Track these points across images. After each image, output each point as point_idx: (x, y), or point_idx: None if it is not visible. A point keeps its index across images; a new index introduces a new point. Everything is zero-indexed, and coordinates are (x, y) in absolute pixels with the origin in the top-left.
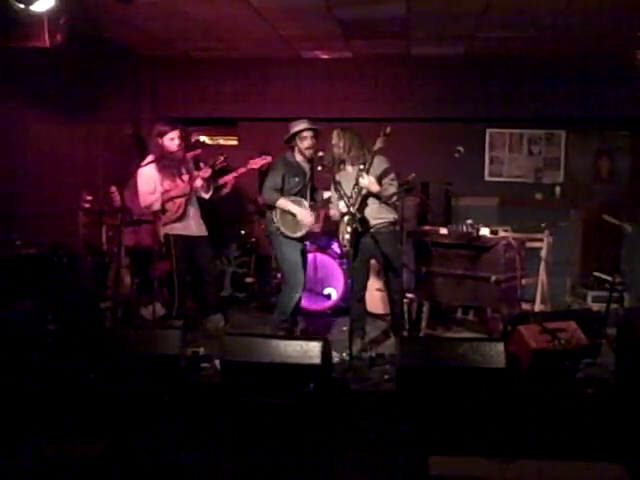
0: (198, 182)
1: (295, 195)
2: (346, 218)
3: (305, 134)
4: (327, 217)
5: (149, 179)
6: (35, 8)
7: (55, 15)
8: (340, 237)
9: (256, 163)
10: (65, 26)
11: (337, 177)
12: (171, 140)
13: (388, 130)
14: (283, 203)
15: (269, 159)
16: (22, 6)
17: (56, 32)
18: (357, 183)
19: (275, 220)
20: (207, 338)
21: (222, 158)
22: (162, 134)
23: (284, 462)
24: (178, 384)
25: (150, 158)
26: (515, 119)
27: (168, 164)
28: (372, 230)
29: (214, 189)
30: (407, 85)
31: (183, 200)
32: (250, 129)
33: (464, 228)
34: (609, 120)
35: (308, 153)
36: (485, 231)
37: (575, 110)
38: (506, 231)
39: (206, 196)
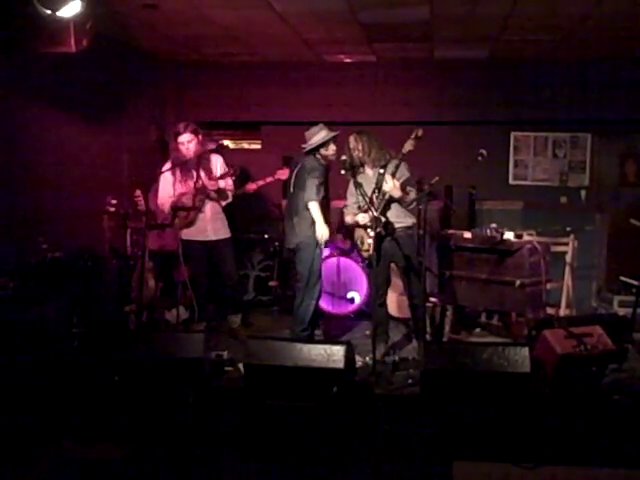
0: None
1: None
2: (362, 221)
3: (329, 141)
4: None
5: (166, 183)
6: (62, 14)
7: (81, 20)
8: (358, 242)
9: (284, 174)
10: (91, 31)
11: (359, 179)
12: (181, 144)
13: (420, 133)
14: (316, 210)
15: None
16: (49, 12)
17: (82, 37)
18: (379, 187)
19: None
20: (230, 341)
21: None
22: (175, 136)
23: (307, 466)
24: (202, 387)
25: (168, 163)
26: (540, 122)
27: (185, 168)
28: (390, 235)
29: (241, 196)
30: (431, 88)
31: (193, 203)
32: (273, 133)
33: (488, 232)
34: (635, 123)
35: (334, 158)
36: (510, 235)
37: (601, 113)
38: (531, 235)
39: (223, 204)
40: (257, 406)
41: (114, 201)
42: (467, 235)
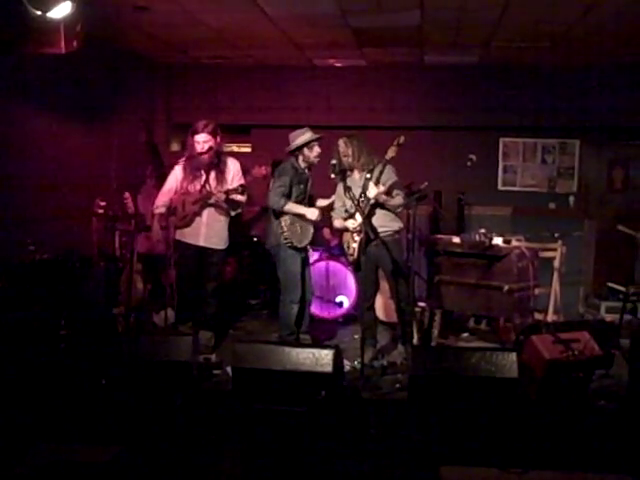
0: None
1: (298, 202)
2: (352, 226)
3: (313, 143)
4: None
5: (171, 178)
6: (52, 15)
7: (71, 22)
8: (345, 246)
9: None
10: (81, 33)
11: (347, 183)
12: (197, 143)
13: (402, 140)
14: (292, 207)
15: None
16: (39, 13)
17: (72, 39)
18: (364, 192)
19: (284, 230)
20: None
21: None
22: (192, 133)
23: (295, 470)
24: (190, 391)
25: (182, 159)
26: (529, 128)
27: (195, 165)
28: (378, 239)
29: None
30: (421, 93)
31: (193, 207)
32: (263, 136)
33: (477, 237)
34: (623, 130)
35: (317, 161)
36: (498, 240)
37: (589, 119)
38: (519, 240)
39: (232, 213)
40: (245, 410)
41: (103, 203)
42: (456, 240)
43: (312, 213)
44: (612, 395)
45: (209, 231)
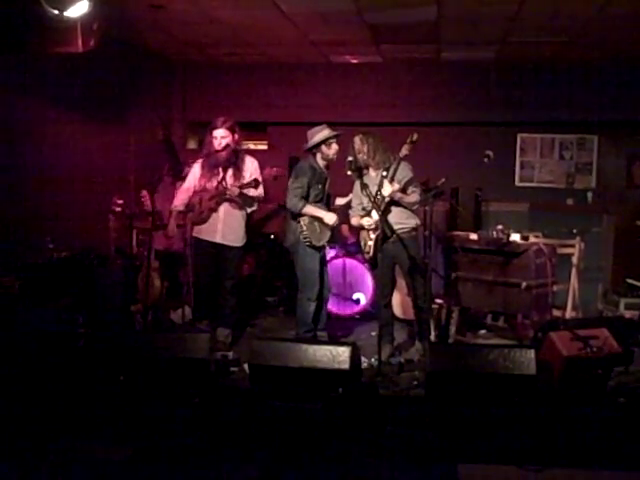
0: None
1: (316, 202)
2: (367, 224)
3: (331, 140)
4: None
5: (190, 176)
6: (69, 14)
7: (88, 21)
8: (362, 243)
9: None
10: (98, 32)
11: (364, 180)
12: (214, 138)
13: (415, 137)
14: (309, 210)
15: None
16: (56, 12)
17: (89, 37)
18: (380, 190)
19: (304, 229)
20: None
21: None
22: (211, 129)
23: (312, 467)
24: (208, 388)
25: (200, 156)
26: (546, 124)
27: (213, 163)
28: (394, 236)
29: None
30: (437, 89)
31: (210, 203)
32: (280, 133)
33: (494, 234)
34: None
35: (335, 158)
36: (516, 237)
37: (607, 114)
38: (537, 237)
39: (249, 210)
40: (262, 407)
41: (120, 201)
42: (473, 236)
43: (330, 218)
44: (631, 392)
45: (226, 228)
